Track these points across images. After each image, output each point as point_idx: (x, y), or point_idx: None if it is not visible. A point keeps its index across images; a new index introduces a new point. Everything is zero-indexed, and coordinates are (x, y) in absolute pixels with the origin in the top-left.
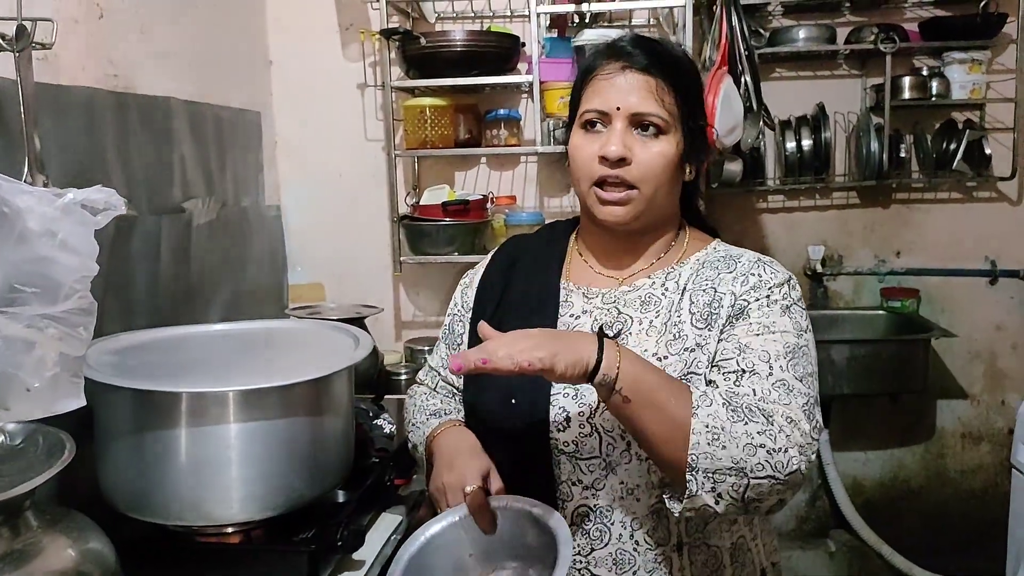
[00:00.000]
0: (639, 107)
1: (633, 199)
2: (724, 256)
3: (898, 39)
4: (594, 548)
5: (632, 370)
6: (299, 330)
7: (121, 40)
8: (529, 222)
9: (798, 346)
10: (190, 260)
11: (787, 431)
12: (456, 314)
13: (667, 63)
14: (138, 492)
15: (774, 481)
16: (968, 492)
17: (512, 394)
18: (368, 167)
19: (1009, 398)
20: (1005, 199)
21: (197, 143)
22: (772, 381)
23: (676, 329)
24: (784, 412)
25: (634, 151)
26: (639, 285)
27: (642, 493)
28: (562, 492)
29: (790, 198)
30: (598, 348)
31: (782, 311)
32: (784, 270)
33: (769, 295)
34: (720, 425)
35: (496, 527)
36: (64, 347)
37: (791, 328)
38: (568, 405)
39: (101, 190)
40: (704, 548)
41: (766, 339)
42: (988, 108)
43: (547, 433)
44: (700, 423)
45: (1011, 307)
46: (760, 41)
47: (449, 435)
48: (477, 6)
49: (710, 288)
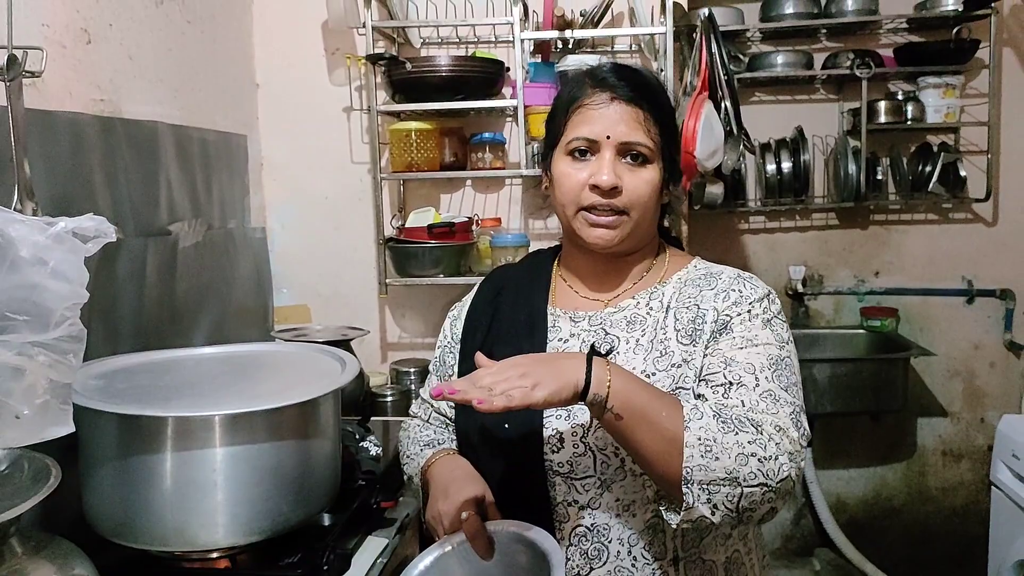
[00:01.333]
0: (628, 136)
1: (622, 223)
2: (705, 273)
3: (873, 64)
4: (592, 567)
5: (623, 387)
6: (285, 353)
7: (108, 65)
8: (514, 244)
9: (780, 357)
10: (176, 283)
11: (776, 439)
12: (446, 346)
13: (650, 94)
14: (123, 517)
15: (766, 489)
16: (949, 509)
17: (505, 418)
18: (354, 190)
19: (988, 416)
20: (980, 220)
21: (183, 166)
22: (759, 392)
23: (663, 346)
24: (773, 421)
25: (623, 179)
26: (624, 306)
27: (638, 508)
28: (558, 513)
29: (771, 219)
30: (587, 368)
31: (763, 324)
32: (763, 285)
33: (750, 309)
34: (712, 437)
35: (493, 552)
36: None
37: (773, 340)
38: (561, 426)
39: (92, 218)
40: (700, 563)
41: (749, 352)
42: (962, 131)
43: (541, 455)
44: (693, 436)
45: (988, 326)
46: (740, 66)
47: (443, 464)
48: (462, 32)
49: (693, 305)
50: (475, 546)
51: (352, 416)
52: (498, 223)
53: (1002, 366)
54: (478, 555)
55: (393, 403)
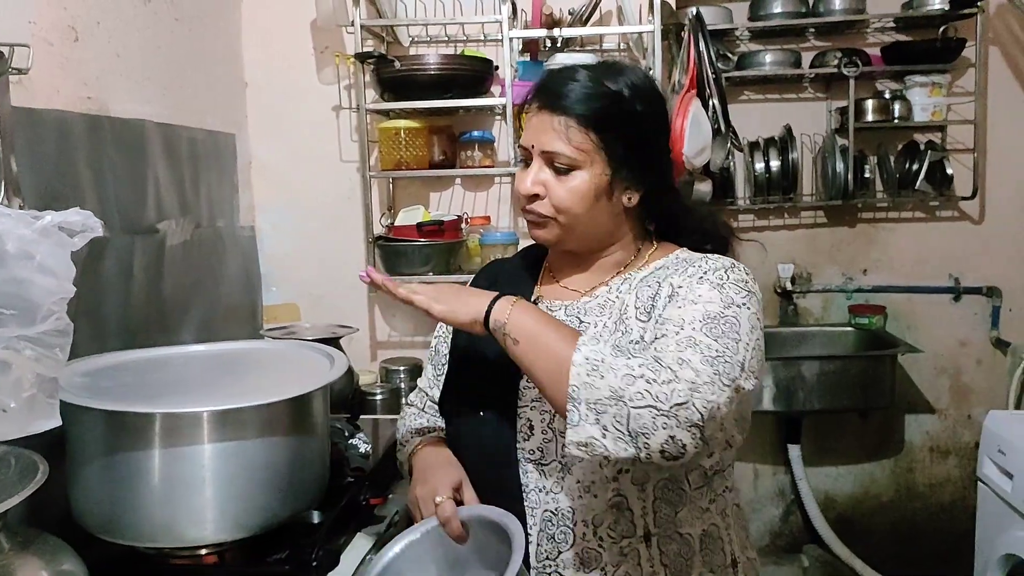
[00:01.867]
0: (547, 146)
1: (549, 225)
2: (684, 259)
3: (861, 63)
4: (560, 551)
5: (522, 317)
6: (274, 351)
7: (96, 63)
8: (503, 242)
9: (721, 314)
10: (163, 281)
11: (675, 368)
12: (441, 336)
13: (579, 100)
14: (110, 514)
15: (655, 412)
16: (937, 505)
17: (481, 409)
18: (343, 188)
19: (975, 412)
20: (967, 218)
21: (171, 165)
22: (678, 338)
23: (624, 325)
24: (676, 356)
25: (548, 186)
26: (598, 294)
27: (598, 489)
28: (529, 499)
29: (760, 217)
30: (491, 301)
31: (712, 287)
32: (730, 260)
33: (703, 276)
34: (600, 358)
35: (468, 537)
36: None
37: (717, 299)
38: (532, 416)
39: (78, 212)
40: (677, 538)
41: (685, 309)
42: (949, 130)
43: (514, 442)
44: (581, 356)
45: (975, 323)
46: (728, 65)
47: (426, 450)
48: (451, 30)
49: (655, 283)
50: (448, 530)
51: (342, 414)
52: (487, 221)
53: (989, 363)
54: (452, 539)
55: (383, 401)
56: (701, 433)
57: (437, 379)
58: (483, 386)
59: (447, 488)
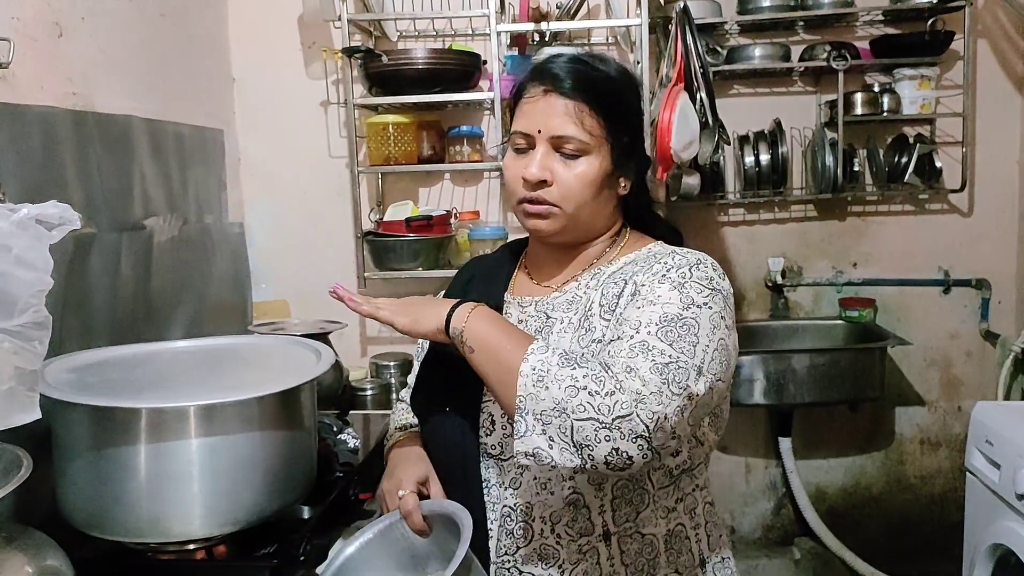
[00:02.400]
0: (558, 130)
1: (554, 214)
2: (654, 254)
3: (850, 56)
4: (519, 546)
5: (478, 325)
6: (261, 346)
7: (80, 59)
8: (492, 236)
9: (679, 316)
10: (151, 277)
11: (621, 378)
12: None
13: (588, 85)
14: (98, 510)
15: (597, 424)
16: (928, 497)
17: (447, 404)
18: (332, 184)
19: (965, 404)
20: (956, 211)
21: (158, 161)
22: (631, 343)
23: (588, 323)
24: (626, 364)
25: (555, 172)
26: (567, 289)
27: (555, 486)
28: (491, 495)
29: (750, 211)
30: (450, 309)
31: (672, 287)
32: (697, 255)
33: (665, 274)
34: (547, 368)
35: (430, 531)
36: (19, 361)
37: (676, 300)
38: (494, 410)
39: (56, 205)
40: (638, 537)
41: (643, 310)
42: (938, 123)
43: (477, 437)
44: (528, 366)
45: (964, 315)
46: (717, 59)
47: (400, 445)
48: (439, 25)
49: (622, 280)
50: (410, 523)
51: (331, 410)
52: (476, 216)
53: (978, 355)
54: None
55: (373, 397)
56: (648, 444)
57: None
58: (451, 383)
59: (411, 482)
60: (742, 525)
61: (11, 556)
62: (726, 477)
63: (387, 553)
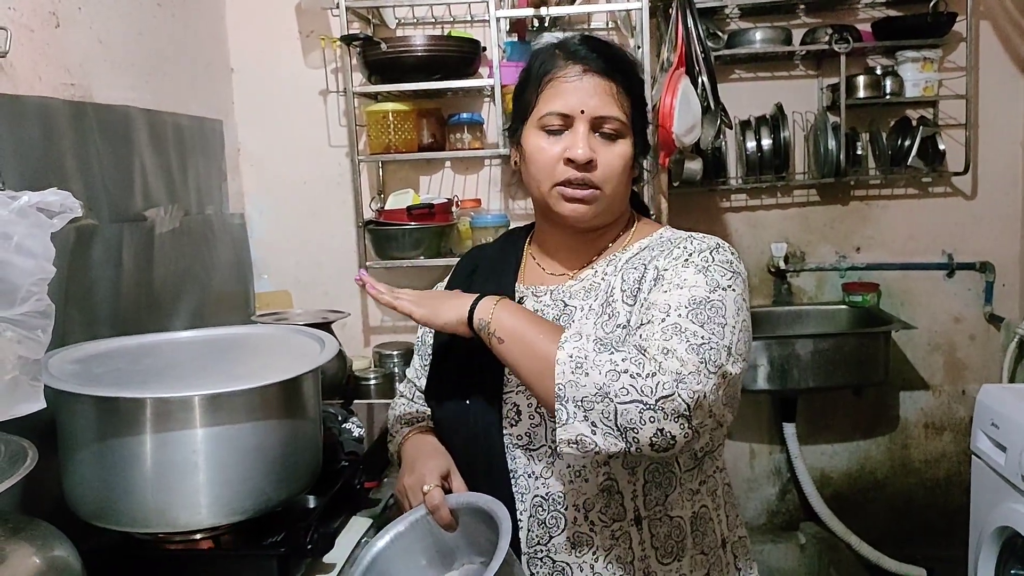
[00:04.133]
0: (601, 110)
1: (597, 198)
2: (668, 239)
3: (852, 39)
4: (552, 535)
5: (505, 315)
6: (264, 335)
7: (78, 49)
8: (494, 224)
9: (707, 299)
10: (153, 269)
11: (659, 359)
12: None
13: (623, 66)
14: (104, 500)
15: (642, 406)
16: (932, 481)
17: (466, 396)
18: (332, 173)
19: (969, 388)
20: (960, 194)
21: (158, 152)
22: (663, 326)
23: (611, 308)
24: (661, 346)
25: (597, 153)
26: (584, 276)
27: (589, 473)
28: (519, 485)
29: (752, 197)
30: (473, 301)
31: (697, 270)
32: (715, 239)
33: (688, 259)
34: (584, 355)
35: (456, 524)
36: (22, 350)
37: (702, 283)
38: (519, 400)
39: (57, 193)
40: (667, 520)
41: (671, 294)
42: (941, 105)
43: (501, 428)
44: (565, 354)
45: (968, 299)
46: (718, 43)
47: (414, 439)
48: (437, 11)
49: (641, 265)
50: (436, 518)
51: (335, 399)
52: (478, 204)
53: (982, 339)
54: (441, 527)
55: (376, 386)
56: (689, 423)
57: (424, 368)
58: (468, 373)
59: (435, 476)
60: (747, 511)
61: (18, 547)
62: (731, 463)
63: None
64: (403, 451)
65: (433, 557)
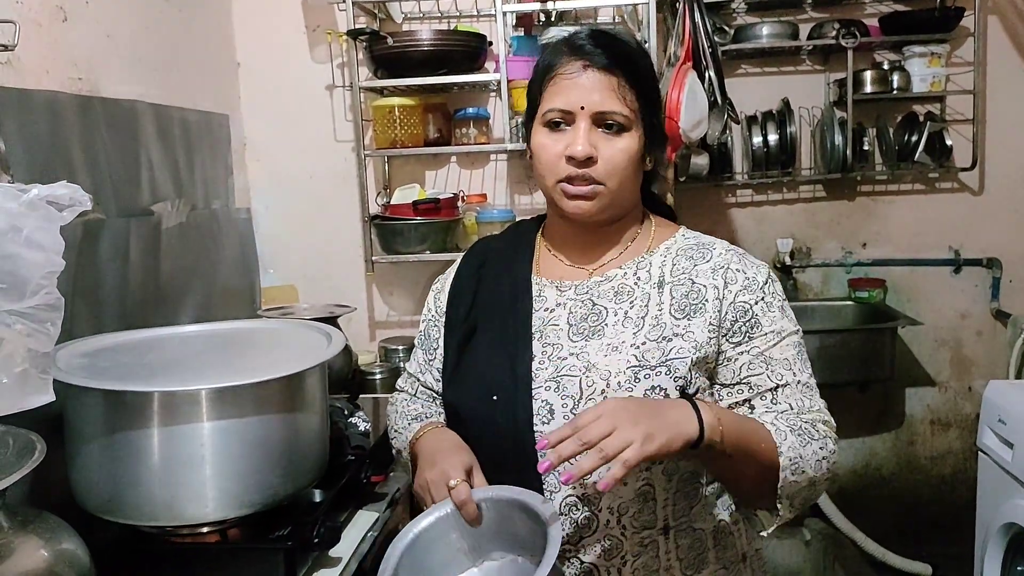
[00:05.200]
0: (602, 106)
1: (599, 193)
2: (695, 244)
3: (859, 34)
4: (583, 536)
5: (732, 429)
6: (270, 330)
7: (85, 43)
8: (500, 219)
9: (799, 341)
10: (160, 263)
11: (827, 433)
12: (430, 319)
13: (627, 60)
14: (111, 494)
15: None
16: (938, 478)
17: (492, 391)
18: (338, 168)
19: (976, 384)
20: (967, 189)
21: (165, 146)
22: (800, 388)
23: (654, 320)
24: (819, 417)
25: (599, 149)
26: (611, 275)
27: (629, 478)
28: (549, 483)
29: (758, 192)
30: (697, 417)
31: (780, 311)
32: (759, 262)
33: (763, 297)
34: (798, 455)
35: (482, 519)
36: (32, 343)
37: (791, 326)
38: (551, 398)
39: (66, 186)
40: (690, 531)
41: (782, 347)
42: (948, 100)
43: (531, 427)
44: (785, 458)
45: (975, 295)
46: (725, 38)
47: (431, 435)
48: (443, 6)
49: (687, 280)
50: (464, 513)
51: (341, 394)
52: (484, 199)
53: (989, 335)
54: (467, 522)
55: (382, 380)
56: None
57: (428, 364)
58: (491, 368)
59: (459, 471)
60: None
61: (26, 540)
62: None
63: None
64: (419, 446)
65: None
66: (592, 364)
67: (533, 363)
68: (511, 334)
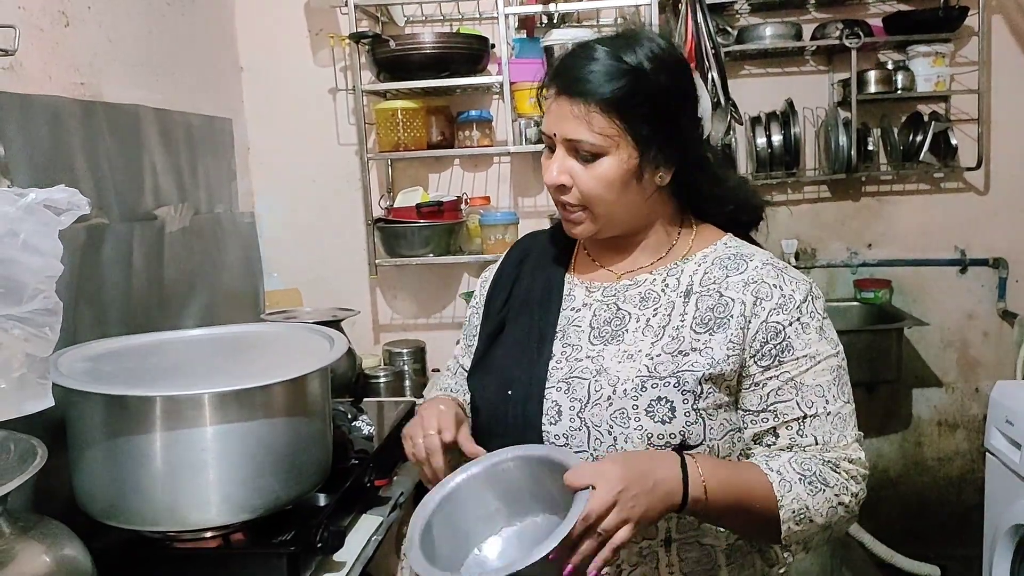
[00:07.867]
0: (569, 134)
1: (585, 220)
2: (734, 255)
3: (863, 34)
4: None
5: (718, 485)
6: (273, 334)
7: (88, 48)
8: (503, 222)
9: (840, 365)
10: (163, 267)
11: (852, 473)
12: (475, 307)
13: (595, 84)
14: (114, 499)
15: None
16: (946, 479)
17: (509, 385)
18: (341, 171)
19: (983, 385)
20: (972, 189)
21: (168, 151)
22: (830, 420)
23: (675, 332)
24: (845, 455)
25: (575, 175)
26: (640, 280)
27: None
28: None
29: (763, 193)
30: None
31: (818, 333)
32: (801, 277)
33: (799, 317)
34: (804, 505)
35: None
36: (30, 348)
37: (831, 350)
38: (560, 399)
39: (64, 190)
40: (696, 546)
41: (816, 373)
42: (953, 100)
43: (540, 425)
44: (787, 511)
45: (981, 295)
46: (728, 39)
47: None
48: (446, 9)
49: (715, 292)
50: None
51: (345, 397)
52: (487, 201)
53: (995, 335)
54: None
55: (386, 384)
56: None
57: (468, 349)
58: (512, 363)
59: (434, 424)
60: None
61: (28, 545)
62: None
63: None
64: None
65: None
66: (604, 369)
67: (551, 362)
68: (536, 332)
